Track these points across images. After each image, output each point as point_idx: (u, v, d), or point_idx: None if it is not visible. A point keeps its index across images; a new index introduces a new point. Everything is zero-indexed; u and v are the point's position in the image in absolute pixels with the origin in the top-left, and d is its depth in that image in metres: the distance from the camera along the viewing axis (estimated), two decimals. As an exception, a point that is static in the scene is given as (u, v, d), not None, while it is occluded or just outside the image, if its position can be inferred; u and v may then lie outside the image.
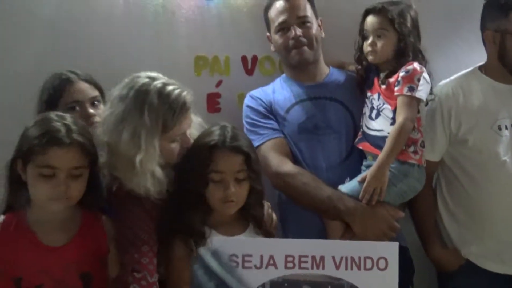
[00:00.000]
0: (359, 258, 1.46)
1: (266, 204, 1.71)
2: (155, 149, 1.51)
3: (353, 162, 1.87)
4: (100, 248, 1.54)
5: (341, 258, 1.45)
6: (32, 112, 1.82)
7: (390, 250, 1.48)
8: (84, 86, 1.80)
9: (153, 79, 1.55)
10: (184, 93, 1.55)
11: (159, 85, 1.53)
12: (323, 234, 1.77)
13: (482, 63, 1.97)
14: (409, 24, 1.77)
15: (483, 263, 1.88)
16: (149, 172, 1.52)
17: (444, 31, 2.14)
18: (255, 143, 1.81)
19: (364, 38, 1.84)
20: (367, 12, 1.83)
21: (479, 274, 1.88)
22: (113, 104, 1.56)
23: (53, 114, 1.52)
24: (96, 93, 1.81)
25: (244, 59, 2.20)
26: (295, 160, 1.87)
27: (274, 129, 1.91)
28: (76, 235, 1.51)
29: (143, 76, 1.56)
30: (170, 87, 1.53)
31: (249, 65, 2.21)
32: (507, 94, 1.89)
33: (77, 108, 1.75)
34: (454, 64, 2.08)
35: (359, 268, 1.45)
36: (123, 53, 2.16)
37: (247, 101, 2.00)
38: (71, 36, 2.15)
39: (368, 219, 1.71)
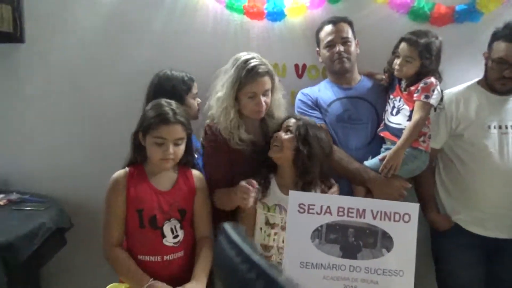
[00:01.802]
0: (390, 212, 1.49)
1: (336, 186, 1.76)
2: (231, 97, 1.71)
3: (375, 145, 1.91)
4: (191, 192, 1.69)
5: (378, 211, 1.49)
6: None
7: (413, 208, 1.51)
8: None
9: (248, 54, 1.76)
10: (259, 64, 1.70)
11: (247, 57, 1.73)
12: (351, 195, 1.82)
13: (480, 78, 1.97)
14: (433, 54, 1.77)
15: (468, 226, 1.91)
16: (227, 115, 1.71)
17: (454, 55, 2.08)
18: None
19: (395, 56, 1.85)
20: (402, 39, 1.82)
21: (464, 235, 1.91)
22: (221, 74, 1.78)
23: (163, 101, 1.65)
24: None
25: (296, 66, 2.25)
26: (333, 142, 1.90)
27: (318, 118, 1.94)
28: (176, 183, 1.67)
29: (243, 54, 1.76)
30: (253, 60, 1.71)
31: (300, 71, 2.26)
32: (496, 103, 1.90)
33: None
34: (460, 77, 2.07)
35: (390, 220, 1.49)
36: (210, 59, 2.17)
37: (299, 96, 2.05)
38: (172, 45, 2.28)
39: (384, 187, 1.78)
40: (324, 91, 2.04)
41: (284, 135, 1.68)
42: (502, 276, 1.96)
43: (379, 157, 1.82)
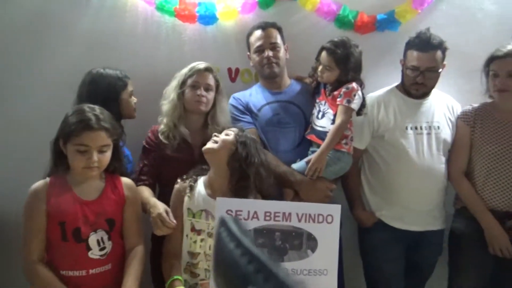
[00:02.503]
0: (314, 214, 1.46)
1: None
2: (177, 90, 1.79)
3: (303, 148, 1.87)
4: (120, 201, 1.54)
5: (302, 214, 1.46)
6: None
7: (335, 209, 1.49)
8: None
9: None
10: (204, 63, 1.81)
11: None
12: (280, 198, 1.75)
13: (398, 83, 1.99)
14: (350, 65, 1.74)
15: (390, 222, 1.92)
16: (172, 107, 1.76)
17: (376, 61, 2.09)
18: None
19: (319, 63, 1.83)
20: (323, 48, 1.80)
21: (387, 230, 1.91)
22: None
23: (86, 106, 1.50)
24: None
25: (229, 70, 2.17)
26: (263, 145, 1.84)
27: (248, 122, 1.89)
28: (103, 192, 1.51)
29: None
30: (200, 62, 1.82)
31: (233, 75, 2.18)
32: (412, 106, 1.92)
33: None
34: (382, 82, 2.06)
35: (314, 222, 1.46)
36: (141, 62, 2.11)
37: (231, 100, 1.97)
38: (102, 46, 2.11)
39: (310, 189, 1.74)
40: (255, 96, 1.97)
41: (224, 136, 1.59)
42: (420, 265, 1.99)
43: (306, 159, 1.78)
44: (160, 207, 1.57)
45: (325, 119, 1.79)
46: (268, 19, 2.03)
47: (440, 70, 1.86)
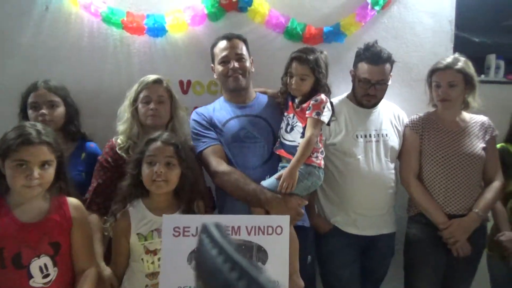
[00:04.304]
0: (264, 227, 1.45)
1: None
2: (130, 107, 1.75)
3: (272, 163, 1.79)
4: (66, 222, 1.46)
5: (252, 227, 1.44)
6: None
7: (284, 220, 1.47)
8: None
9: None
10: (153, 76, 1.79)
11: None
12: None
13: (349, 92, 2.03)
14: (323, 67, 1.71)
15: (344, 227, 1.95)
16: (128, 124, 1.74)
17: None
18: (199, 149, 1.77)
19: (289, 76, 1.75)
20: (293, 59, 1.73)
21: (341, 236, 1.94)
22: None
23: (27, 123, 1.45)
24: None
25: (181, 82, 2.15)
26: (229, 162, 1.77)
27: (213, 138, 1.80)
28: (47, 213, 1.43)
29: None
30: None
31: (185, 87, 2.16)
32: (362, 115, 1.98)
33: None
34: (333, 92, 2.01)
35: (263, 234, 1.45)
36: (88, 75, 2.08)
37: (193, 115, 1.88)
38: (45, 59, 2.05)
39: (281, 207, 1.65)
40: (219, 110, 1.88)
41: (167, 169, 1.51)
42: (375, 268, 2.05)
43: (276, 176, 1.71)
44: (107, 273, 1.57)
45: (294, 133, 1.73)
46: (218, 31, 2.03)
47: (389, 82, 1.95)
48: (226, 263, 0.51)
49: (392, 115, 2.05)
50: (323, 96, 1.69)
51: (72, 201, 1.51)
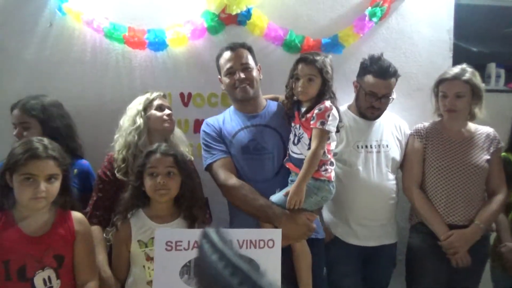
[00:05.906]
0: (256, 240, 1.43)
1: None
2: (140, 115, 1.78)
3: (282, 176, 1.74)
4: (70, 236, 1.50)
5: (244, 240, 1.43)
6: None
7: (276, 234, 1.46)
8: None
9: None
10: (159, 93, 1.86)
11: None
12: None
13: (350, 103, 2.05)
14: (330, 69, 1.68)
15: (345, 238, 1.96)
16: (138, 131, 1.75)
17: None
18: (208, 161, 1.76)
19: (295, 79, 1.70)
20: (299, 61, 1.70)
21: (343, 247, 1.95)
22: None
23: (34, 138, 1.49)
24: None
25: (181, 95, 2.19)
26: (239, 175, 1.73)
27: (223, 151, 1.76)
28: (52, 227, 1.47)
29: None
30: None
31: (186, 99, 2.19)
32: (363, 126, 1.99)
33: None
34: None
35: (255, 247, 1.43)
36: (91, 88, 2.12)
37: (204, 126, 1.85)
38: (49, 74, 2.10)
39: (290, 223, 1.60)
40: (229, 122, 1.85)
41: (167, 179, 1.57)
42: (377, 278, 2.05)
43: (284, 192, 1.66)
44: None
45: (300, 145, 1.67)
46: (218, 44, 2.07)
47: (393, 96, 1.97)
48: (227, 268, 0.51)
49: (393, 126, 2.07)
50: (327, 103, 1.62)
51: (76, 215, 1.55)
